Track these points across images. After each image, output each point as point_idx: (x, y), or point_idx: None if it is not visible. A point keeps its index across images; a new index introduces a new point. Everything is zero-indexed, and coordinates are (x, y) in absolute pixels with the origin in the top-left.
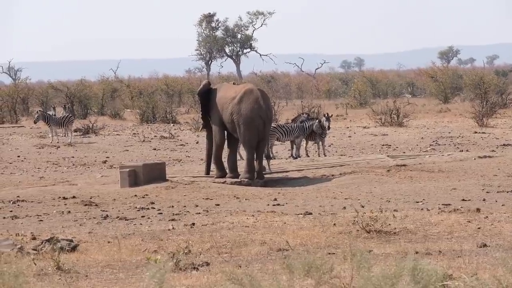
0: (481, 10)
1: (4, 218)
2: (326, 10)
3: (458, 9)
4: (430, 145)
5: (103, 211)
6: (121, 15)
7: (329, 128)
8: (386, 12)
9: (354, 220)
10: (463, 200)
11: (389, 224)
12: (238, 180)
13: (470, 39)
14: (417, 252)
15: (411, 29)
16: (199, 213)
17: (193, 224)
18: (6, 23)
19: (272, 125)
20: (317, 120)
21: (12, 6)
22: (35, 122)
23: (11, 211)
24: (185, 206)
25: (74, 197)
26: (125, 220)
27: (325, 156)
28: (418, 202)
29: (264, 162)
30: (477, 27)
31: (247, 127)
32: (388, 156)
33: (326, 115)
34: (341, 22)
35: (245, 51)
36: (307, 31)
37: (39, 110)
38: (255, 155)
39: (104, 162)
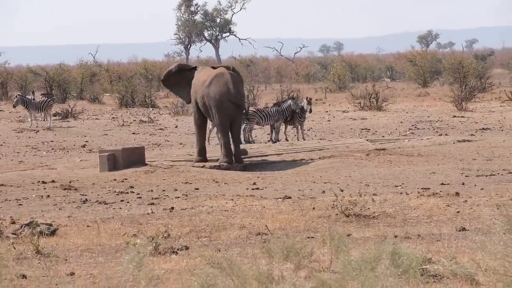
0: None
1: None
2: None
3: None
4: (409, 129)
5: (82, 195)
6: None
7: (310, 111)
8: None
9: (333, 204)
10: (442, 184)
11: (368, 208)
12: (217, 164)
13: (449, 23)
14: (396, 236)
15: (390, 13)
16: (178, 197)
17: (172, 208)
18: None
19: (251, 109)
20: (290, 99)
21: None
22: (14, 106)
23: None
24: (164, 190)
25: (53, 181)
26: (104, 204)
27: (304, 140)
28: (397, 186)
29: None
30: (456, 11)
31: (217, 110)
32: (367, 140)
33: (308, 99)
34: (320, 6)
35: (224, 35)
36: (286, 15)
37: (18, 94)
38: (230, 139)
39: (83, 146)
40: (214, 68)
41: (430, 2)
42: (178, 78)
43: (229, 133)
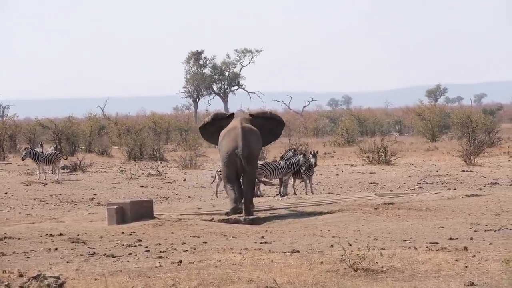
0: (468, 49)
1: None
2: (313, 48)
3: (445, 47)
4: (418, 183)
5: (90, 248)
6: (109, 52)
7: (315, 165)
8: (373, 50)
9: (342, 258)
10: (451, 238)
11: (377, 263)
12: (226, 217)
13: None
14: None
15: (398, 68)
16: (186, 250)
17: (180, 261)
18: None
19: (260, 163)
20: (301, 155)
21: None
22: (22, 159)
23: None
24: (172, 244)
25: (61, 234)
26: (112, 257)
27: (312, 194)
28: (405, 240)
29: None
30: (465, 66)
31: (224, 163)
32: (375, 194)
33: (313, 152)
34: (328, 60)
35: (232, 88)
36: (295, 69)
37: (27, 148)
38: (239, 191)
39: (92, 199)
40: (251, 115)
41: (439, 57)
42: (215, 127)
43: (236, 186)
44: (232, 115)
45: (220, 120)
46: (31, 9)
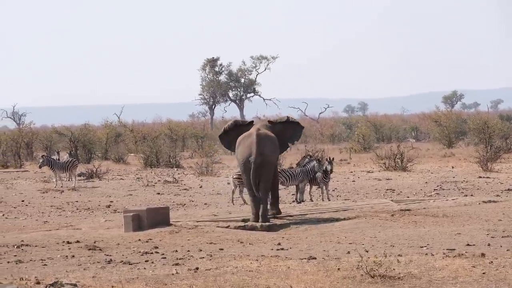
0: (485, 54)
1: (8, 262)
2: (329, 54)
3: (462, 53)
4: (434, 189)
5: (107, 255)
6: (125, 60)
7: (331, 171)
8: (389, 56)
9: (358, 265)
10: (468, 245)
11: (394, 269)
12: (242, 224)
13: (474, 84)
14: None
15: (415, 74)
16: (203, 257)
17: (197, 268)
18: (10, 68)
19: None
20: (315, 161)
21: (16, 51)
22: (40, 167)
23: (15, 255)
24: (189, 251)
25: (78, 241)
26: (129, 264)
27: (329, 200)
28: (422, 246)
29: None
30: (481, 72)
31: (242, 170)
32: (392, 200)
33: (329, 159)
34: (344, 66)
35: (248, 95)
36: (311, 76)
37: (43, 155)
38: (255, 197)
39: (108, 206)
40: (270, 122)
41: (455, 63)
42: (234, 135)
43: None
44: (251, 122)
45: (240, 127)
46: (47, 17)
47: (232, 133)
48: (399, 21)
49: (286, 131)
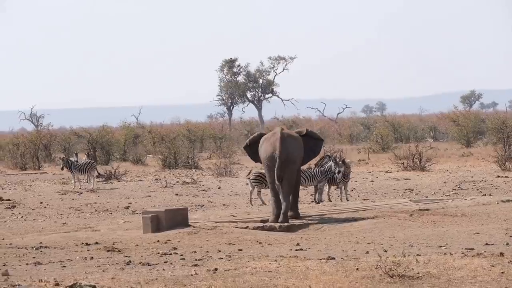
0: (503, 54)
1: (27, 264)
2: (347, 55)
3: (480, 53)
4: (453, 189)
5: (126, 256)
6: (142, 61)
7: (339, 172)
8: (407, 56)
9: (377, 265)
10: (487, 244)
11: (412, 269)
12: (261, 225)
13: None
14: None
15: (433, 74)
16: (222, 258)
17: (216, 269)
18: (28, 70)
19: None
20: (331, 162)
21: (33, 53)
22: (62, 169)
23: (34, 257)
24: (207, 252)
25: (96, 243)
26: (148, 265)
27: (347, 200)
28: (441, 246)
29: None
30: (499, 71)
31: (266, 169)
32: (410, 200)
33: (339, 160)
34: (362, 66)
35: (266, 96)
36: (329, 76)
37: (63, 157)
38: (278, 198)
39: (127, 207)
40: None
41: (473, 63)
42: (258, 146)
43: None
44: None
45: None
46: (65, 19)
47: (256, 144)
48: (417, 21)
49: (305, 144)
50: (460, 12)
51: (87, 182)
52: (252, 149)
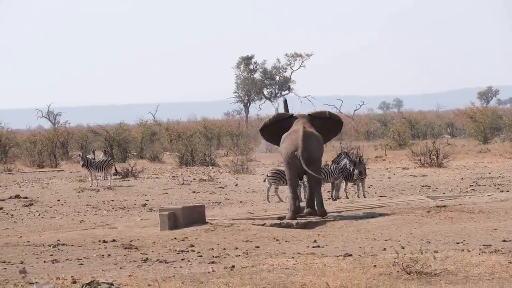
0: None
1: (44, 262)
2: (364, 52)
3: (496, 49)
4: (470, 185)
5: (143, 254)
6: (159, 58)
7: (353, 170)
8: (424, 53)
9: (395, 262)
10: (504, 240)
11: (430, 265)
12: (278, 222)
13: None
14: None
15: (449, 70)
16: (239, 255)
17: (233, 266)
18: (46, 68)
19: None
20: (346, 159)
21: (50, 51)
22: (82, 166)
23: (51, 255)
24: (224, 249)
25: (114, 240)
26: (165, 263)
27: (364, 197)
28: (458, 243)
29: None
30: None
31: (287, 166)
32: (428, 197)
33: (359, 159)
34: (379, 63)
35: (283, 93)
36: (345, 73)
37: (83, 155)
38: (307, 193)
39: (144, 205)
40: (310, 115)
41: (490, 59)
42: (275, 128)
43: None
44: (292, 115)
45: (281, 121)
46: (81, 18)
47: (273, 126)
48: (434, 17)
49: (325, 125)
50: (479, 8)
51: (104, 179)
52: (270, 130)
